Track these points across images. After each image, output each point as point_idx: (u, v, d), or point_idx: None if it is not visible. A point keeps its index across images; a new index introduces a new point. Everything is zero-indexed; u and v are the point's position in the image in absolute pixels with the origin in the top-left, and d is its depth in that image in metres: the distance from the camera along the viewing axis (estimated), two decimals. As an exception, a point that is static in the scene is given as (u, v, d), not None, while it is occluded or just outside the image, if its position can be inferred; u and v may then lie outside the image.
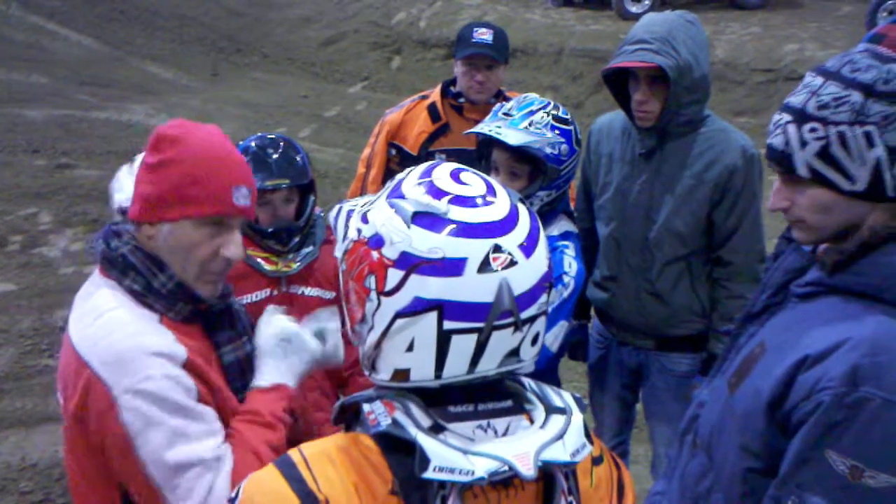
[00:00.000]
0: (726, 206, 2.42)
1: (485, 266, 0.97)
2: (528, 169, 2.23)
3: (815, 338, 1.32)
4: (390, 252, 0.99)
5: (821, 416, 1.25)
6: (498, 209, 1.01)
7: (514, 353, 1.01)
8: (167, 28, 11.16)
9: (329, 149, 7.69)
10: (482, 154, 2.34)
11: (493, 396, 1.03)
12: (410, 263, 0.97)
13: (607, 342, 2.77)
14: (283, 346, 1.59)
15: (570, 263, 2.26)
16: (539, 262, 1.01)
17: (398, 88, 9.61)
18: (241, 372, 1.56)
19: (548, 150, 2.19)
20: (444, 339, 0.97)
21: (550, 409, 1.04)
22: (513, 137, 2.17)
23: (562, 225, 2.34)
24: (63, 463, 1.50)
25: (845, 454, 1.23)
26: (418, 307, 0.97)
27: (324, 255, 2.33)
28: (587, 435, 1.02)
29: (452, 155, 3.12)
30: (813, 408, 1.27)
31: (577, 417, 1.03)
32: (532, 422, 1.03)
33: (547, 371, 2.31)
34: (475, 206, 1.00)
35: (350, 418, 1.05)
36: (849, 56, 1.33)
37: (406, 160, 3.16)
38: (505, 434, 1.01)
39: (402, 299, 0.98)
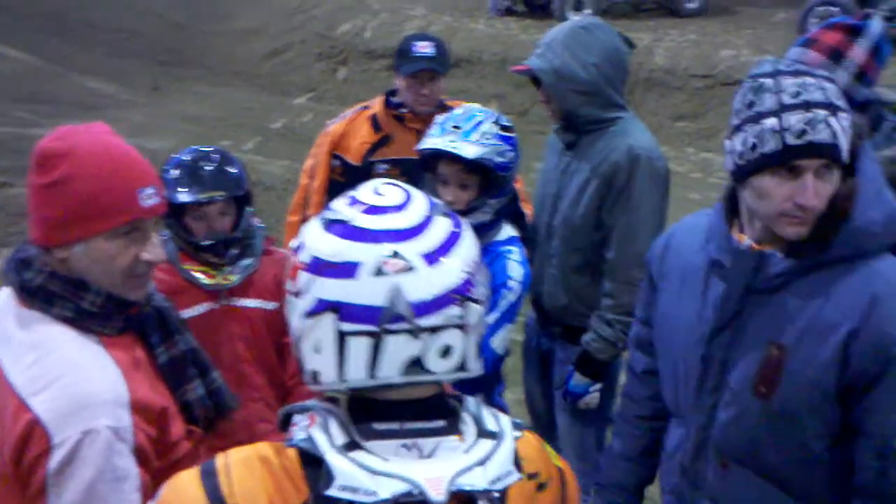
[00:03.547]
0: (609, 204, 2.49)
1: (378, 270, 1.00)
2: (478, 179, 2.28)
3: (843, 310, 1.45)
4: (304, 256, 1.04)
5: (894, 367, 1.41)
6: (406, 218, 1.04)
7: (418, 362, 1.01)
8: (106, 42, 10.98)
9: (275, 161, 7.65)
10: (428, 168, 2.37)
11: (424, 415, 1.03)
12: (316, 267, 1.02)
13: (532, 326, 2.84)
14: None
15: (516, 268, 2.31)
16: (447, 273, 1.02)
17: (344, 99, 9.58)
18: (175, 372, 1.54)
19: (498, 159, 2.25)
20: (341, 341, 1.00)
21: (481, 433, 1.03)
22: (469, 150, 2.22)
23: (506, 230, 2.39)
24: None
25: None
26: (318, 308, 1.01)
27: (263, 265, 2.32)
28: (517, 462, 1.02)
29: (396, 165, 3.14)
30: (883, 366, 1.42)
31: (508, 444, 1.03)
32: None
33: (492, 373, 2.35)
34: (382, 213, 1.04)
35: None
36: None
37: (349, 171, 3.18)
38: (431, 455, 1.01)
39: (308, 301, 1.02)
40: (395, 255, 1.01)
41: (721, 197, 1.67)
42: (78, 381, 1.35)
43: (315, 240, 1.04)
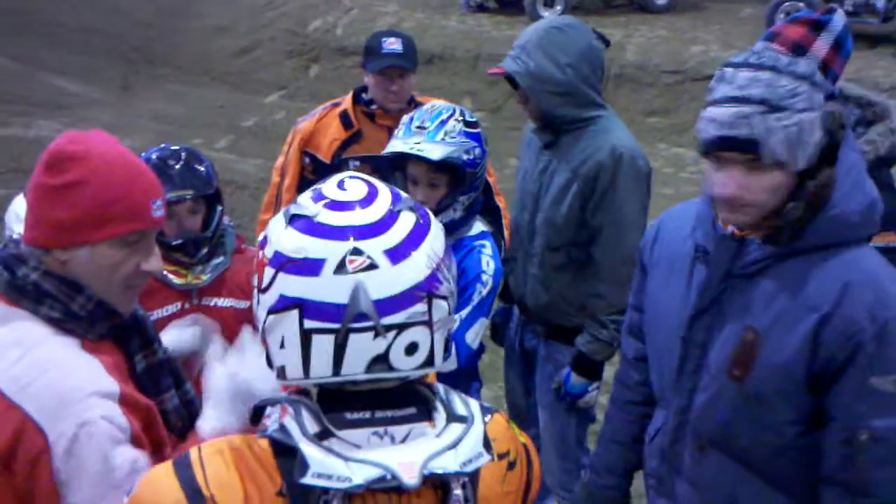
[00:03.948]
0: (593, 204, 2.51)
1: (341, 267, 0.99)
2: (447, 178, 2.29)
3: (815, 297, 1.46)
4: (268, 251, 1.04)
5: (862, 355, 1.42)
6: (369, 214, 1.03)
7: (382, 359, 1.01)
8: (74, 41, 10.82)
9: (247, 159, 7.60)
10: (397, 167, 2.37)
11: (395, 404, 1.04)
12: (280, 262, 1.02)
13: (517, 323, 2.86)
14: (235, 398, 1.45)
15: (488, 262, 2.33)
16: (411, 270, 1.01)
17: (316, 96, 9.52)
18: (152, 381, 1.53)
19: (465, 157, 2.26)
20: (305, 338, 1.00)
21: (451, 418, 1.05)
22: (435, 152, 2.23)
23: (477, 225, 2.41)
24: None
25: (885, 374, 1.42)
26: (282, 305, 1.01)
27: (235, 264, 2.32)
28: (487, 444, 1.04)
29: (366, 162, 3.14)
30: (851, 353, 1.43)
31: (478, 427, 1.04)
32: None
33: (467, 367, 2.37)
34: (346, 209, 1.03)
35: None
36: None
37: (320, 168, 3.18)
38: (403, 441, 1.02)
39: (271, 296, 1.02)
40: (358, 252, 1.00)
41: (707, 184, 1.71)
42: (64, 376, 1.34)
43: (278, 235, 1.04)
